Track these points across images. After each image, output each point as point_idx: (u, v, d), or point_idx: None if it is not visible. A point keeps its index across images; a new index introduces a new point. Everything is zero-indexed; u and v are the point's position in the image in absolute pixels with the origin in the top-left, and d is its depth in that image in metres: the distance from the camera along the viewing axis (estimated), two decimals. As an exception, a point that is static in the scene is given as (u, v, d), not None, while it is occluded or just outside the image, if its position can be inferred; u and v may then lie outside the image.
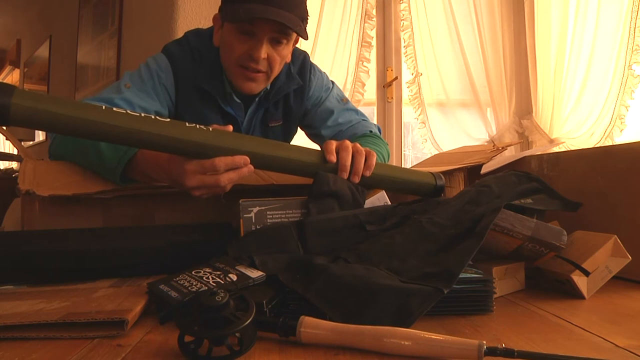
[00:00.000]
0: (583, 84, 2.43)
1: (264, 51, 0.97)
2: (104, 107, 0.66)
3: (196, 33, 1.12)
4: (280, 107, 1.16)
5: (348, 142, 0.81)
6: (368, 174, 0.81)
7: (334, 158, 0.79)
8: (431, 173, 0.89)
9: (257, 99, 1.10)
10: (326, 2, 2.41)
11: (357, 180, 0.79)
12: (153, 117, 0.69)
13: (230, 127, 0.75)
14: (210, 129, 0.72)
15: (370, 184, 0.83)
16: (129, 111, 0.68)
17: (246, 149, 0.73)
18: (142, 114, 0.68)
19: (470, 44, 2.50)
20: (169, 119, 0.70)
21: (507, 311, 0.59)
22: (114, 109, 0.67)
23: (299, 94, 1.16)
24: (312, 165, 0.79)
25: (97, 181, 0.81)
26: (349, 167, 0.79)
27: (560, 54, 2.44)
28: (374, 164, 0.81)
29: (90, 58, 2.85)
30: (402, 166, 2.32)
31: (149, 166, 0.78)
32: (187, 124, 0.70)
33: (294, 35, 1.02)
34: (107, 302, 0.56)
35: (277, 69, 1.03)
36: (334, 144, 0.81)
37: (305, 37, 1.00)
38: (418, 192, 0.87)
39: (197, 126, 0.70)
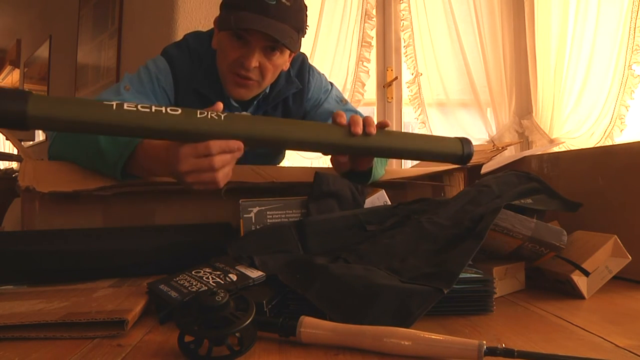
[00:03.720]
0: (583, 84, 2.43)
1: (256, 60, 0.97)
2: (114, 106, 0.63)
3: (195, 36, 1.11)
4: (279, 110, 1.16)
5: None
6: (374, 131, 0.79)
7: (344, 120, 0.78)
8: (458, 139, 0.83)
9: (255, 102, 1.10)
10: (326, 2, 2.41)
11: (373, 131, 0.78)
12: (163, 110, 0.66)
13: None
14: (222, 117, 0.68)
15: (391, 155, 0.82)
16: (139, 106, 0.65)
17: (258, 133, 0.70)
18: (153, 109, 0.65)
19: (470, 44, 2.50)
20: (180, 109, 0.67)
21: (507, 311, 0.59)
22: (125, 105, 0.64)
23: (298, 97, 1.16)
24: (330, 141, 0.75)
25: (97, 180, 0.81)
26: (361, 122, 0.78)
27: (560, 54, 2.44)
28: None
29: (90, 58, 2.85)
30: (402, 166, 2.33)
31: (148, 160, 0.77)
32: (198, 113, 0.67)
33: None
34: (107, 302, 0.56)
35: (270, 77, 1.03)
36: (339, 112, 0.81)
37: (295, 50, 1.00)
38: (444, 160, 0.83)
39: (209, 115, 0.68)
